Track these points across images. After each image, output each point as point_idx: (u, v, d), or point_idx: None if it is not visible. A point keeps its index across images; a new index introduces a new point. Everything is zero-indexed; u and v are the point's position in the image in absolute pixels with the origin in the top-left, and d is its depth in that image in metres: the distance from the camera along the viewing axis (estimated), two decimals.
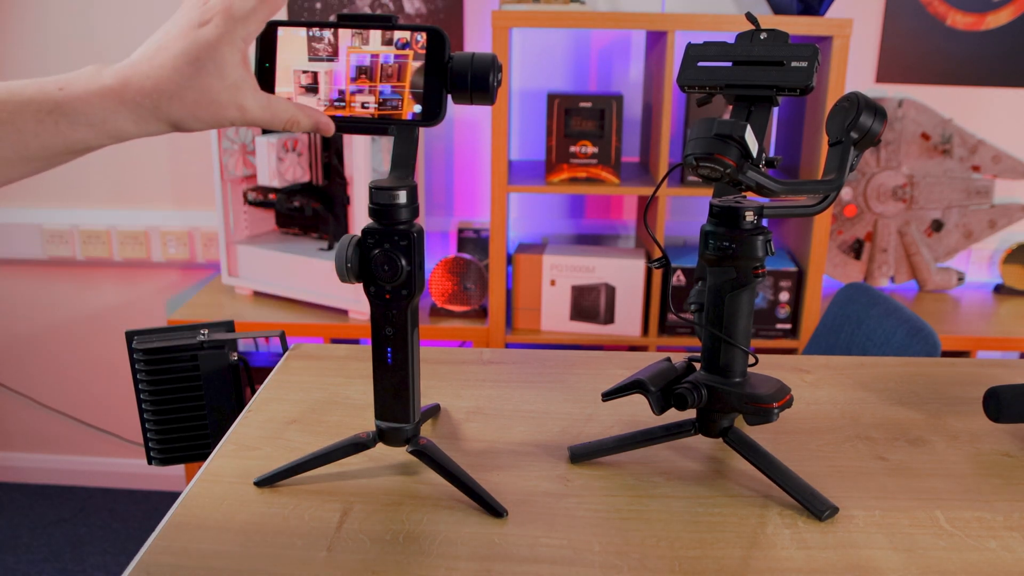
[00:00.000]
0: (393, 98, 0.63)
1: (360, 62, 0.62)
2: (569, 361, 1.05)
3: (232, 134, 2.00)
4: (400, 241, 0.65)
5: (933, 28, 2.17)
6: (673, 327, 2.00)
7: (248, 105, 0.58)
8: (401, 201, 0.65)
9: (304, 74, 0.63)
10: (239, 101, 0.58)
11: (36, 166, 0.58)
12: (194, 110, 0.57)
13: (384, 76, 0.62)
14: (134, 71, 0.57)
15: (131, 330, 0.95)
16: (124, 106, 0.57)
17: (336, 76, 0.63)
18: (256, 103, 0.59)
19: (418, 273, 0.67)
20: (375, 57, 0.62)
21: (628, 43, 2.23)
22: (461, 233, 2.25)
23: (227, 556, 0.66)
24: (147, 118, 0.57)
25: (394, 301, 0.68)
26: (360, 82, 0.63)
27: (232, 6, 0.57)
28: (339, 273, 0.67)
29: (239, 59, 0.58)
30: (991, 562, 0.66)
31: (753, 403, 0.72)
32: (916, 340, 1.34)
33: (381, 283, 0.67)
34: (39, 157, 0.57)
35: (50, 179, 2.35)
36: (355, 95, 0.63)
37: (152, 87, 0.57)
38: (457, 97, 0.64)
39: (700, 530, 0.70)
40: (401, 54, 0.62)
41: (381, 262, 0.66)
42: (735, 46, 0.75)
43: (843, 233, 2.26)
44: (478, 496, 0.72)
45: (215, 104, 0.57)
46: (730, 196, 0.75)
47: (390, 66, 0.62)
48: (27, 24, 2.23)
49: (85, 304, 2.47)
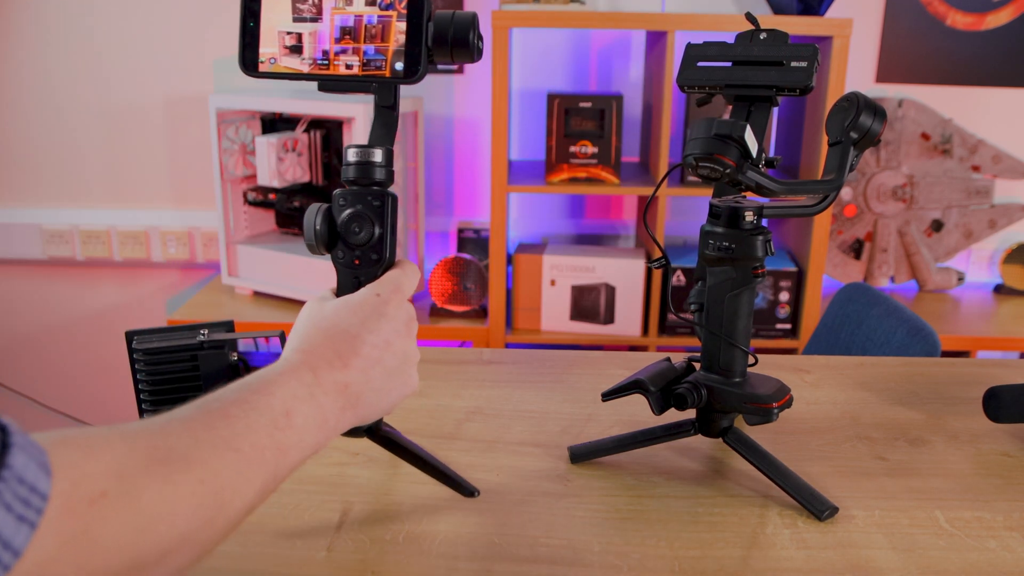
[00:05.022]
0: (377, 58, 0.62)
1: (344, 23, 0.62)
2: (569, 361, 1.05)
3: (232, 134, 2.00)
4: (373, 201, 0.63)
5: (933, 28, 2.17)
6: (673, 327, 2.00)
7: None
8: (377, 159, 0.63)
9: (288, 35, 0.63)
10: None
11: None
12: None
13: (368, 36, 0.62)
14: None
15: (131, 330, 0.95)
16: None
17: (320, 36, 0.63)
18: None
19: (390, 239, 0.64)
20: (359, 17, 0.62)
21: (628, 43, 2.23)
22: (461, 233, 2.25)
23: (227, 556, 0.66)
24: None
25: (362, 267, 0.64)
26: (344, 42, 0.62)
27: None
28: (307, 240, 0.64)
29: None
30: (991, 562, 0.66)
31: (753, 403, 0.72)
32: (916, 340, 1.34)
33: (349, 246, 0.64)
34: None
35: (50, 179, 2.35)
36: (339, 55, 0.63)
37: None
38: (439, 54, 0.63)
39: (700, 530, 0.70)
40: (385, 15, 0.62)
41: (351, 221, 0.63)
42: (735, 46, 0.75)
43: (843, 233, 2.26)
44: (447, 477, 0.70)
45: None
46: (730, 196, 0.75)
47: (374, 27, 0.62)
48: (27, 24, 2.23)
49: (85, 304, 2.47)
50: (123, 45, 2.24)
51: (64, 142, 2.32)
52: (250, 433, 0.50)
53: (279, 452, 0.51)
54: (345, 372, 0.58)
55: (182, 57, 2.25)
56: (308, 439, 0.54)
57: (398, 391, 0.62)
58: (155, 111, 2.29)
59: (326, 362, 0.58)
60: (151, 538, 0.42)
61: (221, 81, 2.25)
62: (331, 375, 0.57)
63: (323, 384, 0.57)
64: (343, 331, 0.60)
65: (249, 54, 0.64)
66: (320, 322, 0.61)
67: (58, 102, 2.28)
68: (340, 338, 0.60)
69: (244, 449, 0.48)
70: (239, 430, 0.49)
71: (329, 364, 0.58)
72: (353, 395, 0.59)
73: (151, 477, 0.42)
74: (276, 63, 0.63)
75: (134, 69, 2.26)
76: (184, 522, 0.43)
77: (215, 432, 0.48)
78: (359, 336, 0.60)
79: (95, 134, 2.31)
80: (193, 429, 0.47)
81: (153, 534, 0.42)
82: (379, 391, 0.61)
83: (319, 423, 0.55)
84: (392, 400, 0.62)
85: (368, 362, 0.60)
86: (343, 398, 0.58)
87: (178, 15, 2.22)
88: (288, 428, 0.52)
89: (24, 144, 2.32)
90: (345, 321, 0.61)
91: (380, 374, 0.60)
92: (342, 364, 0.58)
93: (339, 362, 0.58)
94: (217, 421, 0.49)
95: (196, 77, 2.26)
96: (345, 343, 0.59)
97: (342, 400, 0.58)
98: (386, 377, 0.61)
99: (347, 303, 0.62)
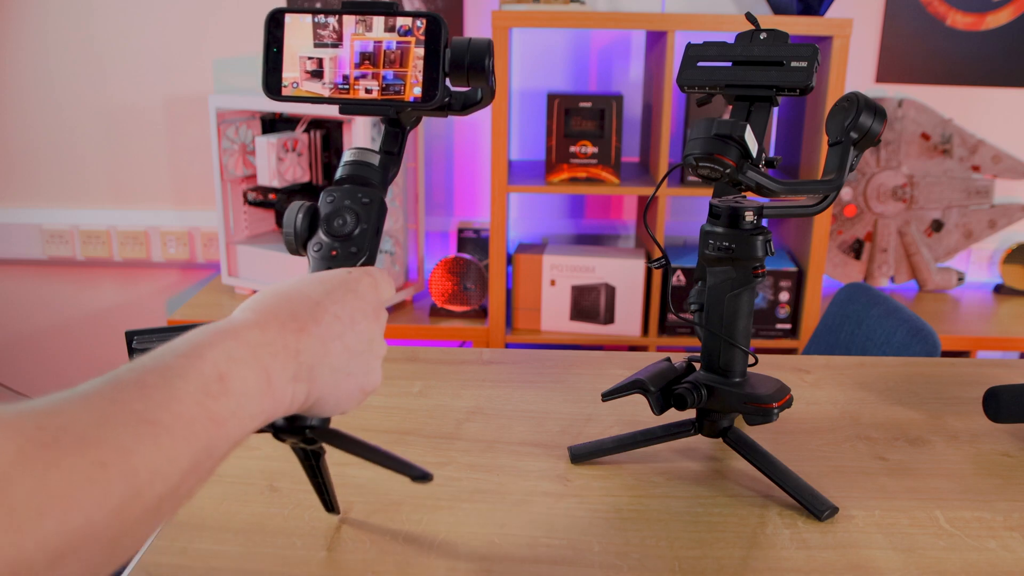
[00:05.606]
0: (395, 83, 0.63)
1: (364, 48, 0.63)
2: (569, 361, 1.05)
3: (232, 134, 2.00)
4: (362, 199, 0.63)
5: (933, 28, 2.17)
6: (673, 327, 2.00)
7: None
8: (372, 162, 0.64)
9: (310, 60, 0.64)
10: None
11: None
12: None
13: (387, 62, 0.63)
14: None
15: (131, 330, 0.95)
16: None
17: (340, 62, 0.64)
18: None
19: (372, 240, 0.63)
20: (378, 43, 0.63)
21: (628, 43, 2.23)
22: (461, 233, 2.25)
23: (227, 556, 0.66)
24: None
25: (339, 260, 0.61)
26: (364, 67, 0.64)
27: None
28: (286, 236, 0.62)
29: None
30: (991, 562, 0.66)
31: (753, 403, 0.72)
32: (916, 340, 1.34)
33: (330, 235, 0.62)
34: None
35: (50, 179, 2.35)
36: (359, 80, 0.64)
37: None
38: (455, 79, 0.64)
39: (700, 530, 0.70)
40: (404, 40, 0.63)
41: (336, 213, 0.62)
42: (735, 46, 0.75)
43: (843, 233, 2.26)
44: (396, 462, 0.61)
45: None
46: (730, 196, 0.75)
47: (393, 52, 0.63)
48: (27, 24, 2.22)
49: (85, 304, 2.47)
50: (123, 45, 2.24)
51: (64, 142, 2.32)
52: (172, 403, 0.41)
53: (212, 423, 0.43)
54: (299, 336, 0.50)
55: (182, 57, 2.25)
56: (250, 406, 0.46)
57: (357, 382, 0.55)
58: (155, 111, 2.29)
59: (278, 322, 0.50)
60: (34, 538, 0.34)
61: (221, 81, 2.25)
62: (282, 337, 0.49)
63: (271, 344, 0.48)
64: (305, 296, 0.53)
65: (272, 79, 0.64)
66: (279, 288, 0.54)
67: (58, 102, 2.28)
68: (300, 301, 0.52)
69: (164, 421, 0.40)
70: (157, 400, 0.40)
71: (282, 325, 0.50)
72: (306, 367, 0.50)
73: (29, 466, 0.34)
74: (298, 87, 0.64)
75: (134, 69, 2.26)
76: (80, 515, 0.35)
77: (124, 405, 0.39)
78: (321, 304, 0.53)
79: (95, 134, 2.31)
80: (95, 404, 0.39)
81: (36, 533, 0.34)
82: (337, 372, 0.53)
83: (262, 388, 0.47)
84: (350, 391, 0.54)
85: (328, 333, 0.52)
86: (294, 365, 0.49)
87: (178, 15, 2.22)
88: (223, 395, 0.44)
89: (24, 144, 2.32)
90: (309, 288, 0.54)
91: (340, 351, 0.53)
92: (297, 327, 0.50)
93: (294, 324, 0.50)
94: (128, 392, 0.40)
95: (196, 77, 2.26)
96: (305, 307, 0.52)
97: (292, 367, 0.49)
98: (347, 358, 0.53)
99: (314, 275, 0.57)
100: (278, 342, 0.49)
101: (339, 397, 0.54)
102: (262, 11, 2.20)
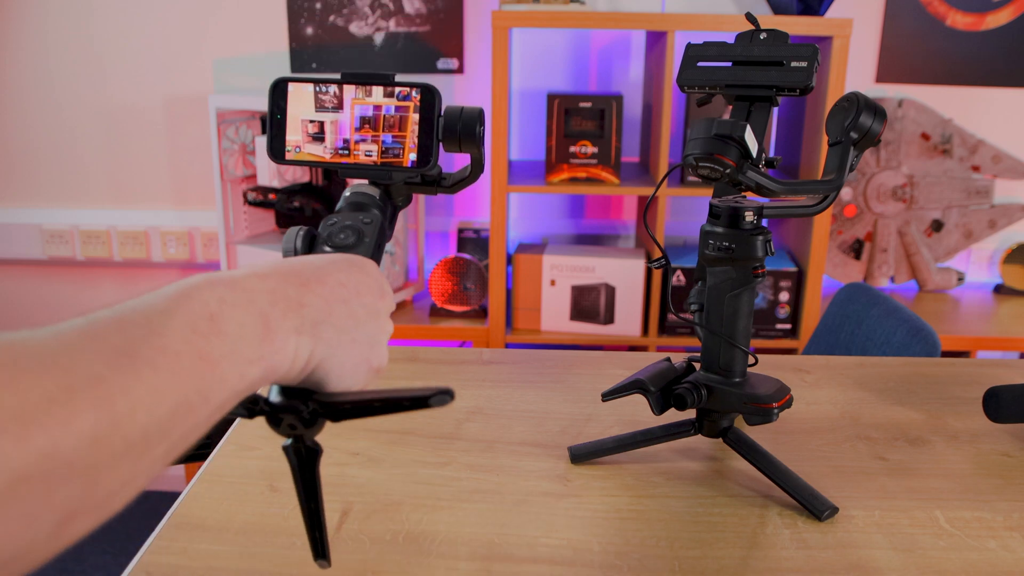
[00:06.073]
0: (394, 147, 0.67)
1: (363, 113, 0.66)
2: (569, 361, 1.05)
3: (232, 134, 2.00)
4: (364, 219, 0.64)
5: (933, 28, 2.17)
6: (673, 327, 2.00)
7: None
8: (374, 194, 0.66)
9: (311, 124, 0.67)
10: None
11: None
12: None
13: (386, 126, 0.66)
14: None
15: None
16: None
17: (341, 126, 0.67)
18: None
19: (374, 254, 0.63)
20: (377, 109, 0.66)
21: (628, 43, 2.23)
22: (461, 233, 2.25)
23: (227, 556, 0.66)
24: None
25: None
26: (363, 131, 0.67)
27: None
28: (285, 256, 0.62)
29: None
30: (991, 562, 0.66)
31: (753, 403, 0.72)
32: (916, 340, 1.34)
33: (332, 246, 0.62)
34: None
35: (50, 179, 2.35)
36: (359, 144, 0.67)
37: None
38: (448, 145, 0.68)
39: (700, 530, 0.70)
40: (402, 105, 0.66)
41: (339, 228, 0.63)
42: (735, 46, 0.75)
43: (843, 233, 2.26)
44: (410, 400, 0.54)
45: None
46: (730, 196, 0.75)
47: (392, 117, 0.66)
48: (27, 24, 2.22)
49: (85, 304, 2.47)
50: (123, 45, 2.25)
51: (64, 142, 2.32)
52: (153, 337, 0.37)
53: (202, 362, 0.39)
54: (302, 291, 0.47)
55: (182, 57, 2.25)
56: (246, 351, 0.41)
57: (363, 353, 0.51)
58: (155, 111, 2.29)
59: (280, 275, 0.47)
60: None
61: (221, 81, 2.25)
62: (283, 287, 0.46)
63: (272, 292, 0.45)
64: (309, 263, 0.51)
65: (276, 144, 0.67)
66: (283, 259, 0.52)
67: (58, 102, 2.28)
68: (304, 264, 0.50)
69: (144, 354, 0.36)
70: (137, 335, 0.37)
71: (283, 277, 0.47)
72: (310, 321, 0.46)
73: None
74: (300, 151, 0.67)
75: (134, 69, 2.26)
76: (43, 436, 0.32)
77: (100, 339, 0.36)
78: (325, 269, 0.50)
79: (95, 134, 2.31)
80: (65, 334, 0.35)
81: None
82: (343, 334, 0.49)
83: (259, 333, 0.43)
84: (356, 362, 0.50)
85: (333, 296, 0.49)
86: (296, 317, 0.45)
87: (178, 15, 2.22)
88: (214, 335, 0.40)
89: (24, 144, 2.32)
90: (314, 260, 0.52)
91: (345, 315, 0.49)
92: (300, 282, 0.47)
93: (297, 279, 0.47)
94: (104, 326, 0.37)
95: (196, 77, 2.26)
96: (309, 269, 0.49)
97: (295, 320, 0.45)
98: (353, 323, 0.50)
99: (319, 255, 0.56)
100: (279, 291, 0.45)
101: (345, 364, 0.50)
102: (262, 11, 2.20)
